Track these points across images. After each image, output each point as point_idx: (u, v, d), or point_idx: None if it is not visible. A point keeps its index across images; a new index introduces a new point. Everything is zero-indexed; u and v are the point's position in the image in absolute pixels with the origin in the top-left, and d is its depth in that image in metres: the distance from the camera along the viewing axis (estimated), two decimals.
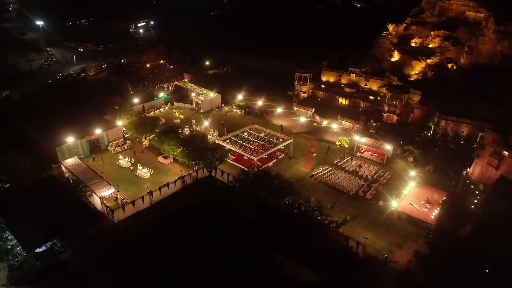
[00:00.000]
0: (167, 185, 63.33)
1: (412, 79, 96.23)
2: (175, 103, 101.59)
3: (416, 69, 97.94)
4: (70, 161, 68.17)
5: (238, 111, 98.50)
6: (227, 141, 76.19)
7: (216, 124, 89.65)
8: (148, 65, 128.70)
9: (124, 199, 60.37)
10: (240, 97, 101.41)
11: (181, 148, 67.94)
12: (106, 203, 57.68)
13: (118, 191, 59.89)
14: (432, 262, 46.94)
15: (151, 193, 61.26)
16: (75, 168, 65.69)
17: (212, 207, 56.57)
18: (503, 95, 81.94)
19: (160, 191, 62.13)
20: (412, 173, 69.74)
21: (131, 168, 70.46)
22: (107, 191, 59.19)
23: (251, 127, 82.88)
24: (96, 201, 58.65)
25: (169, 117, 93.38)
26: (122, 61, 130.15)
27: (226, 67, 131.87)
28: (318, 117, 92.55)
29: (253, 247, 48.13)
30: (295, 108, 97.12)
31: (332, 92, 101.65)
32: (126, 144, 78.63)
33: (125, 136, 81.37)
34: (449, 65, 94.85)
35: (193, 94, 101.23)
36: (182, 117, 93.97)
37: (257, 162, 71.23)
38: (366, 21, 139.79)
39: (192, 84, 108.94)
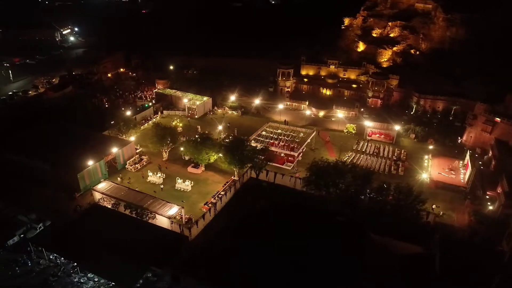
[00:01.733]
0: (225, 193, 61.51)
1: (384, 66, 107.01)
2: (165, 112, 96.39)
3: (385, 56, 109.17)
4: (102, 186, 61.21)
5: (234, 112, 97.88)
6: (253, 142, 76.07)
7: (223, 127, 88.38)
8: (109, 75, 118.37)
9: (187, 215, 57.03)
10: (233, 97, 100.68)
11: (223, 154, 66.18)
12: (178, 222, 54.02)
13: (183, 207, 56.30)
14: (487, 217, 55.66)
15: (214, 204, 58.98)
16: (115, 192, 59.38)
17: (285, 207, 57.32)
18: (464, 72, 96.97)
19: (221, 201, 60.12)
20: (424, 147, 79.21)
21: (161, 184, 66.15)
22: (172, 210, 55.28)
23: (267, 126, 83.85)
24: (162, 221, 54.32)
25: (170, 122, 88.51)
26: (73, 73, 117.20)
27: (190, 70, 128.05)
28: (314, 109, 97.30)
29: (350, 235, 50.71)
30: (288, 103, 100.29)
31: (315, 84, 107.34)
32: (144, 160, 73.01)
33: (137, 151, 75.44)
34: (412, 51, 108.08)
35: (185, 100, 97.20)
36: (181, 124, 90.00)
37: (289, 158, 73.13)
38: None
39: (174, 90, 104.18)
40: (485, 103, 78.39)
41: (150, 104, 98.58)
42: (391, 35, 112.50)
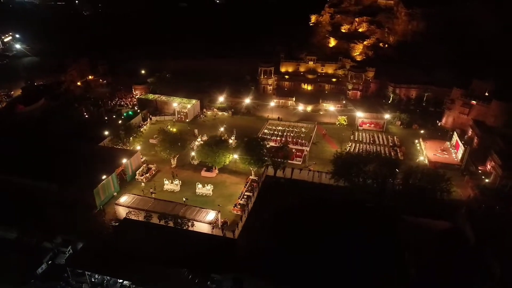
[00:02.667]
0: (252, 193, 61.73)
1: (358, 59, 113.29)
2: (153, 118, 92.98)
3: (357, 51, 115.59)
4: (125, 200, 58.06)
5: (224, 113, 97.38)
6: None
7: (216, 128, 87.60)
8: (79, 84, 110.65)
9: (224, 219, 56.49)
10: (221, 98, 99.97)
11: (241, 155, 66.20)
12: (219, 227, 53.38)
13: (219, 211, 55.62)
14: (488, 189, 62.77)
15: (244, 205, 59.00)
16: (142, 204, 56.72)
17: (314, 201, 59.23)
18: (430, 62, 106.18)
19: (250, 201, 60.29)
20: (410, 133, 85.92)
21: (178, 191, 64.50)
22: (210, 215, 54.40)
23: (268, 124, 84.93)
24: (201, 228, 53.22)
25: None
26: (36, 84, 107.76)
27: (162, 73, 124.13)
28: (301, 104, 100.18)
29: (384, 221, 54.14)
30: (275, 100, 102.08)
31: (297, 80, 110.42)
32: (152, 169, 70.25)
33: (141, 160, 72.33)
34: (381, 44, 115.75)
35: (174, 104, 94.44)
36: (175, 129, 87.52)
37: (297, 153, 75.23)
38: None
39: (158, 95, 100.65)
40: (460, 89, 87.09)
41: (133, 110, 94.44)
42: (360, 30, 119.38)
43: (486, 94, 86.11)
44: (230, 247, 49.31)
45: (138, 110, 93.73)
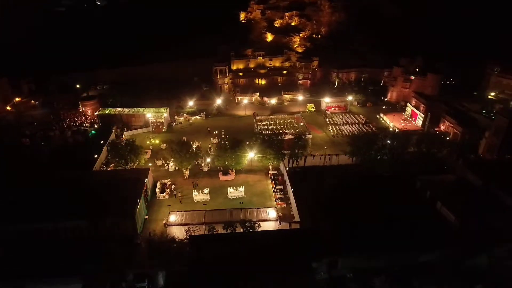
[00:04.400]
0: (287, 184, 64.29)
1: (300, 51, 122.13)
2: (125, 133, 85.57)
3: (296, 43, 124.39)
4: (176, 219, 54.58)
5: (197, 117, 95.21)
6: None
7: (201, 133, 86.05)
8: (8, 108, 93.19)
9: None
10: (191, 103, 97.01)
11: (261, 152, 67.62)
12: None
13: (276, 207, 57.07)
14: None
15: (282, 198, 61.60)
16: (196, 218, 54.30)
17: (349, 179, 65.18)
18: (361, 47, 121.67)
19: (287, 193, 63.14)
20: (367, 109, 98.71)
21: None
22: (271, 212, 55.67)
23: (257, 120, 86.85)
24: (267, 226, 54.15)
25: (146, 146, 79.89)
26: None
27: (99, 85, 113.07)
28: (265, 99, 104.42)
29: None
30: (239, 98, 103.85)
31: (250, 76, 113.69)
32: (168, 183, 66.38)
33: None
34: (314, 36, 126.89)
35: (148, 115, 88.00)
36: (157, 141, 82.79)
37: None
38: None
39: (120, 108, 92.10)
40: (400, 67, 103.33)
41: (95, 129, 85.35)
42: (293, 23, 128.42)
43: (417, 69, 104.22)
44: (313, 234, 51.63)
45: (91, 131, 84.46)
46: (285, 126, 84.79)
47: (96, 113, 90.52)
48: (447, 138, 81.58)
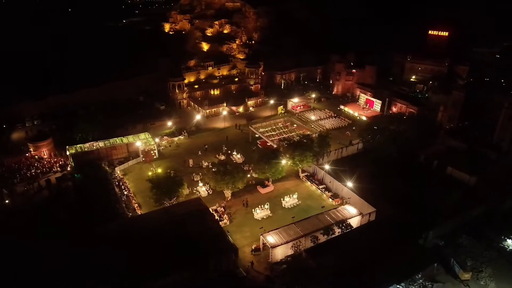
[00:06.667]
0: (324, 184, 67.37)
1: (241, 58, 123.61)
2: (117, 168, 73.67)
3: (235, 51, 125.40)
4: (274, 240, 51.71)
5: (180, 137, 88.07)
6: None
7: (196, 154, 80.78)
8: None
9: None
10: (169, 123, 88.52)
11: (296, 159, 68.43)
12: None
13: (348, 202, 59.73)
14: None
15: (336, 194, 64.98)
16: (293, 233, 52.79)
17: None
18: (294, 50, 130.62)
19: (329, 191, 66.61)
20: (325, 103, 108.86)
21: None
22: (351, 209, 58.36)
23: (253, 129, 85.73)
24: (354, 222, 56.71)
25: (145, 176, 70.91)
26: None
27: (27, 122, 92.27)
28: (234, 108, 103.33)
29: None
30: (208, 110, 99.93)
31: (205, 88, 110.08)
32: (222, 208, 61.56)
33: None
34: (248, 42, 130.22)
35: (138, 143, 76.84)
36: (160, 170, 74.23)
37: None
38: None
39: (95, 142, 77.72)
40: (341, 63, 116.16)
41: (76, 173, 71.22)
42: (225, 31, 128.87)
43: (351, 63, 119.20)
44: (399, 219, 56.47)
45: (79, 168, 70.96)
46: (282, 130, 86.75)
47: (68, 153, 74.58)
48: (404, 117, 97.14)
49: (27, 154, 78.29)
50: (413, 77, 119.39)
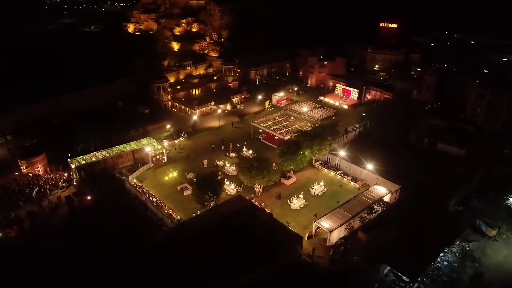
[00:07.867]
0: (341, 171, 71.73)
1: (215, 55, 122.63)
2: (130, 176, 69.82)
3: (208, 49, 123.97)
4: (329, 223, 54.31)
5: (181, 139, 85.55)
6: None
7: (207, 153, 79.79)
8: None
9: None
10: (168, 126, 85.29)
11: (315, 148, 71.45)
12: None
13: (376, 184, 64.53)
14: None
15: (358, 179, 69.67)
16: (342, 216, 55.86)
17: None
18: (262, 45, 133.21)
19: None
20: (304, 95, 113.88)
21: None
22: (381, 188, 63.16)
23: (256, 125, 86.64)
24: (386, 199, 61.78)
25: (167, 183, 69.11)
26: None
27: (4, 136, 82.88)
28: (222, 106, 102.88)
29: None
30: (197, 110, 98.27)
31: (187, 88, 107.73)
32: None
33: None
34: (218, 40, 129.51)
35: (147, 149, 73.01)
36: (176, 174, 72.30)
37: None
38: None
39: (96, 152, 72.24)
40: (314, 57, 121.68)
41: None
42: (194, 30, 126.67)
43: (321, 56, 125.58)
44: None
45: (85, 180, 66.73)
46: (284, 123, 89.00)
47: (73, 167, 68.56)
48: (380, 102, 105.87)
49: (16, 173, 70.47)
50: (376, 66, 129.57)
